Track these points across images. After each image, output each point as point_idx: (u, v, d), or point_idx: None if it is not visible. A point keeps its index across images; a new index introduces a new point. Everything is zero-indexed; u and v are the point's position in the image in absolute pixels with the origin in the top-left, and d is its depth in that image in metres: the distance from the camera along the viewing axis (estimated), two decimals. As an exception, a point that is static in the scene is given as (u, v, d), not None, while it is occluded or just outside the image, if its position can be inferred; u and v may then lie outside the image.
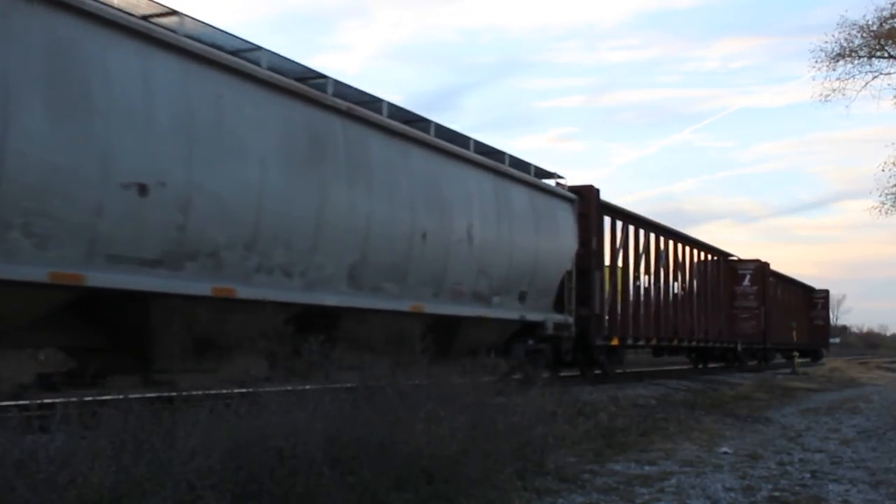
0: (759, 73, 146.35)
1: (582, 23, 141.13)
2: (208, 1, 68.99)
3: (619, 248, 19.35)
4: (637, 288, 20.51)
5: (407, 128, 11.47)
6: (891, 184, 25.66)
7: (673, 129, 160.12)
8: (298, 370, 6.92)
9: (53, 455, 4.21)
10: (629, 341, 19.73)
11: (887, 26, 24.47)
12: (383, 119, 11.03)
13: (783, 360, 39.01)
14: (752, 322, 30.13)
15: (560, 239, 15.50)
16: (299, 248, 9.37)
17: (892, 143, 34.08)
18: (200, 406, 5.19)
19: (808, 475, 7.33)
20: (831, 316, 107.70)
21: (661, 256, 22.07)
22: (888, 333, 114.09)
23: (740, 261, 30.53)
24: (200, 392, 6.56)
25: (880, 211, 26.25)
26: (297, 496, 4.52)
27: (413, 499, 5.03)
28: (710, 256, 27.26)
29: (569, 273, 15.88)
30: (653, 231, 21.61)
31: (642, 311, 20.67)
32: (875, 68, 25.32)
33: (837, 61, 25.16)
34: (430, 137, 12.01)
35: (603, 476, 6.82)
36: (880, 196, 26.16)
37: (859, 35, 24.81)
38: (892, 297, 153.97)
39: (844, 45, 24.95)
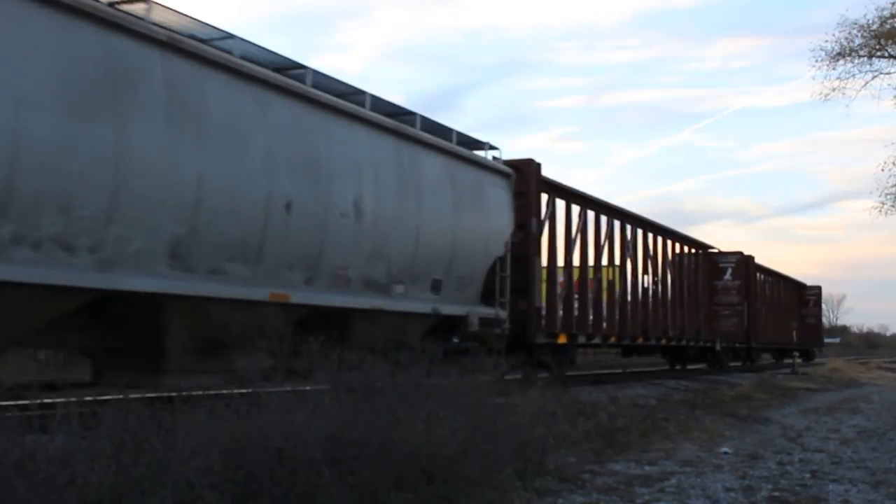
0: (760, 73, 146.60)
1: (582, 23, 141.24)
2: (208, 1, 69.08)
3: (575, 234, 17.36)
4: (599, 280, 18.71)
5: (268, 72, 9.26)
6: (891, 184, 25.72)
7: (673, 129, 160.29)
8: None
9: (53, 455, 4.20)
10: (581, 339, 17.60)
11: (887, 26, 24.52)
12: (230, 58, 8.77)
13: (774, 361, 38.04)
14: (733, 319, 28.00)
15: (490, 219, 13.24)
16: (85, 215, 7.22)
17: (892, 143, 34.03)
18: (200, 406, 5.19)
19: (808, 475, 7.33)
20: (831, 316, 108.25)
21: (629, 246, 20.19)
22: (888, 333, 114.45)
23: (721, 253, 28.50)
24: (201, 392, 6.55)
25: (880, 211, 26.30)
26: (297, 496, 4.52)
27: (413, 499, 5.02)
28: (687, 248, 25.52)
29: (501, 260, 13.63)
30: (618, 218, 19.71)
31: (604, 305, 18.80)
32: (875, 68, 25.40)
33: (837, 61, 25.26)
34: (303, 87, 9.70)
35: (603, 476, 6.82)
36: (880, 196, 26.23)
37: (859, 35, 24.90)
38: (892, 297, 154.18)
39: (844, 44, 25.05)
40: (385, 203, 10.79)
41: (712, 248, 28.03)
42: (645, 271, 21.34)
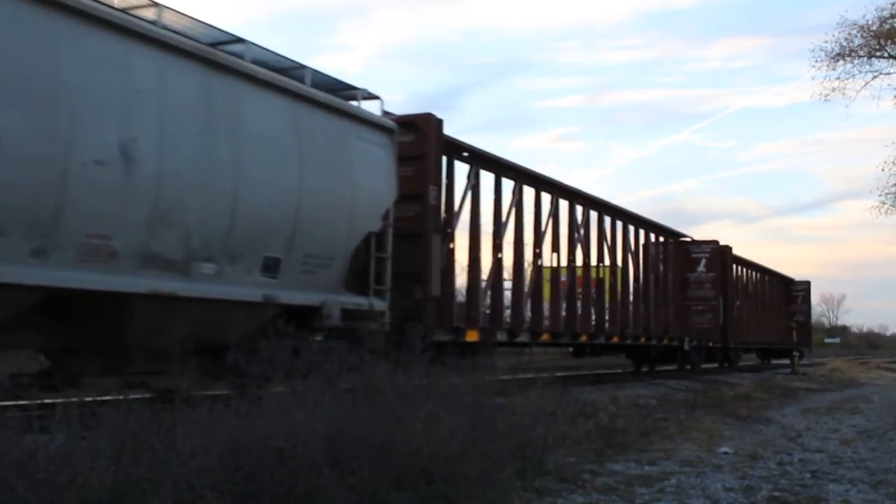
0: (760, 73, 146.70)
1: (582, 23, 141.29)
2: (209, 1, 69.13)
3: (508, 212, 14.99)
4: (539, 268, 16.22)
5: None
6: (891, 183, 25.77)
7: (673, 129, 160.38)
8: None
9: (53, 455, 4.21)
10: (501, 336, 14.58)
11: (887, 26, 24.56)
12: None
13: (761, 362, 36.23)
14: (707, 315, 25.33)
15: (359, 184, 10.41)
16: None
17: (893, 143, 34.17)
18: (200, 406, 5.19)
19: (808, 475, 7.33)
20: (831, 316, 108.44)
21: (578, 230, 17.87)
22: (888, 333, 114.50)
23: (694, 242, 25.74)
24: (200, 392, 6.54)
25: (880, 211, 26.32)
26: (297, 496, 4.52)
27: (413, 499, 5.03)
28: (654, 236, 22.94)
29: (378, 236, 10.88)
30: (566, 198, 17.35)
31: (545, 298, 16.53)
32: (875, 68, 25.46)
33: (837, 61, 25.32)
34: None
35: (603, 476, 6.82)
36: (880, 196, 26.27)
37: (859, 35, 24.96)
38: (892, 297, 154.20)
39: (844, 44, 25.10)
40: (178, 152, 8.09)
41: (684, 236, 25.48)
42: (600, 260, 19.17)
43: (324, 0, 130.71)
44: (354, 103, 10.86)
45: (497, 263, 14.79)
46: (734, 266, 29.15)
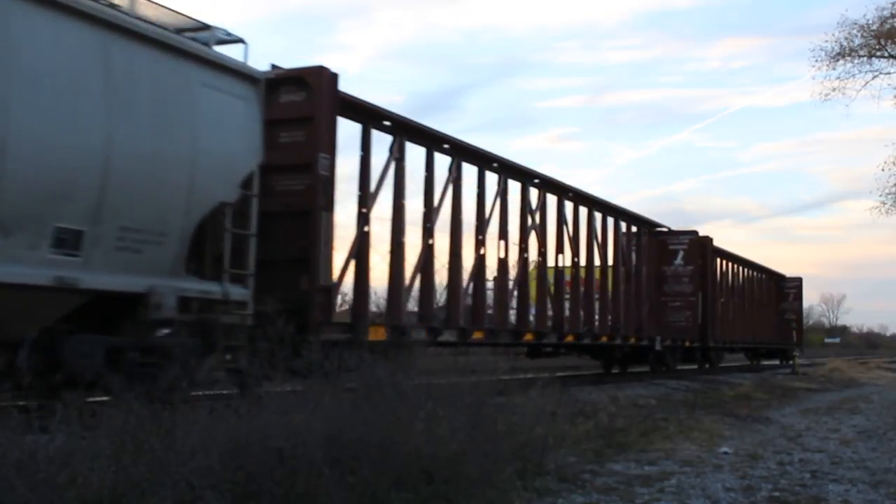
0: (760, 73, 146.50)
1: (582, 23, 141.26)
2: (209, 1, 69.07)
3: (443, 192, 13.42)
4: (480, 256, 14.33)
5: None
6: (891, 183, 25.80)
7: (673, 129, 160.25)
8: None
9: (53, 455, 4.21)
10: (418, 334, 12.29)
11: (887, 26, 24.60)
12: None
13: (749, 363, 34.53)
14: (685, 312, 23.21)
15: (204, 141, 8.55)
16: None
17: (893, 143, 34.20)
18: (200, 406, 5.19)
19: (808, 475, 7.34)
20: (831, 316, 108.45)
21: (533, 215, 16.10)
22: (888, 333, 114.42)
23: (671, 233, 23.59)
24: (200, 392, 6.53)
25: (880, 211, 26.31)
26: (297, 496, 4.52)
27: (413, 499, 5.03)
28: (626, 225, 21.09)
29: (237, 208, 9.09)
30: (515, 177, 15.45)
31: (489, 293, 14.86)
32: (875, 68, 25.49)
33: (837, 61, 25.37)
34: None
35: (603, 476, 6.82)
36: (880, 196, 26.28)
37: (859, 34, 25.00)
38: (892, 297, 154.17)
39: (844, 44, 25.15)
40: None
41: (661, 226, 23.32)
42: (560, 251, 17.26)
43: (324, 0, 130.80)
44: (220, 53, 8.97)
45: (427, 250, 12.90)
46: (716, 259, 27.34)
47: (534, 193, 16.30)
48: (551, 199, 17.06)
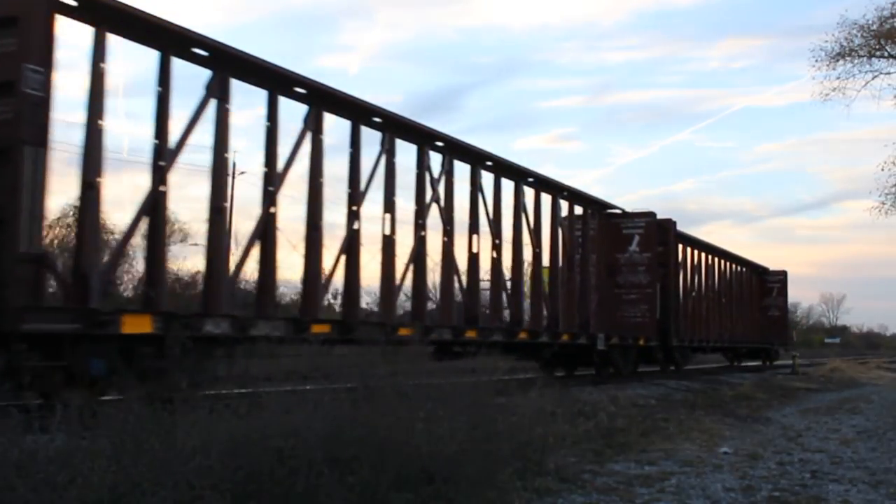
0: (760, 73, 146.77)
1: (582, 23, 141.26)
2: (209, 1, 68.89)
3: (297, 145, 10.85)
4: (355, 233, 11.73)
5: None
6: (891, 184, 25.72)
7: (673, 129, 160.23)
8: None
9: (53, 455, 4.21)
10: (213, 327, 9.26)
11: (887, 26, 24.57)
12: None
13: (729, 364, 30.83)
14: (641, 306, 20.13)
15: None
16: None
17: (893, 143, 34.21)
18: (200, 406, 5.19)
19: (808, 475, 7.34)
20: (831, 315, 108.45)
21: (435, 186, 13.35)
22: (888, 333, 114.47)
23: (625, 215, 20.53)
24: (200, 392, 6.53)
25: (880, 211, 26.19)
26: (296, 496, 4.52)
27: (413, 499, 5.02)
28: (568, 204, 18.19)
29: None
30: (413, 139, 12.98)
31: (362, 275, 11.75)
32: (875, 68, 25.46)
33: (837, 61, 25.33)
34: None
35: (603, 476, 6.82)
36: (880, 196, 26.19)
37: (859, 35, 24.97)
38: (892, 297, 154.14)
39: (844, 44, 25.12)
40: None
41: (614, 207, 20.30)
42: (474, 231, 14.44)
43: (324, 0, 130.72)
44: None
45: (267, 219, 10.43)
46: (682, 247, 24.15)
47: (436, 159, 13.51)
48: (461, 169, 14.19)
